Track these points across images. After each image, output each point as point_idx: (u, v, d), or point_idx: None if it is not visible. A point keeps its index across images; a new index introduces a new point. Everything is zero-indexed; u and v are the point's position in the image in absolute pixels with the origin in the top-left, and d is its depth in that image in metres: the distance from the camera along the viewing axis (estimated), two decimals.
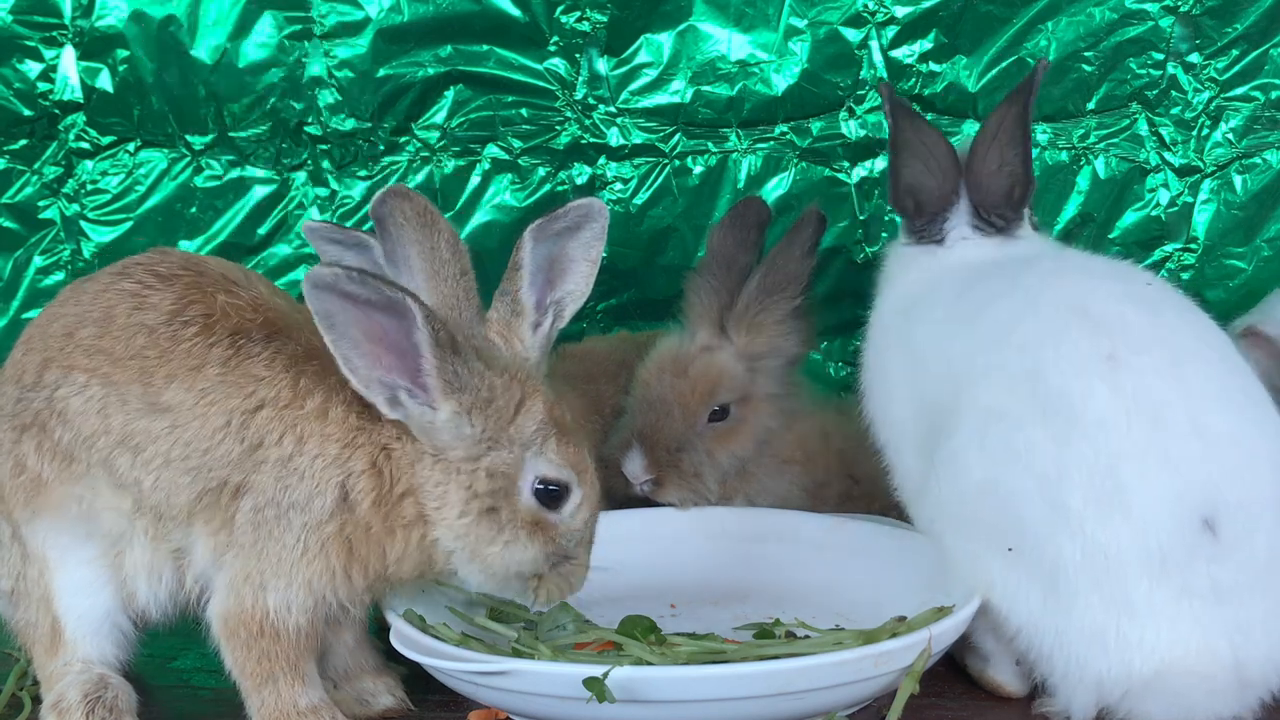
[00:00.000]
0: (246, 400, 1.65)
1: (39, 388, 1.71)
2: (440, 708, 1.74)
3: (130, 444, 1.67)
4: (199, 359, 1.66)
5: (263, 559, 1.64)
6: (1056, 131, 2.80)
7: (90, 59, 3.01)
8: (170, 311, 1.70)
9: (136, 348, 1.68)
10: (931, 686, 1.66)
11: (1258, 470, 1.59)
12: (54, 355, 1.72)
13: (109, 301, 1.74)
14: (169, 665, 1.90)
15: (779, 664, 1.57)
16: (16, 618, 1.76)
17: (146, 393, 1.66)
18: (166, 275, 1.74)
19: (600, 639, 1.77)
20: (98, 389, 1.68)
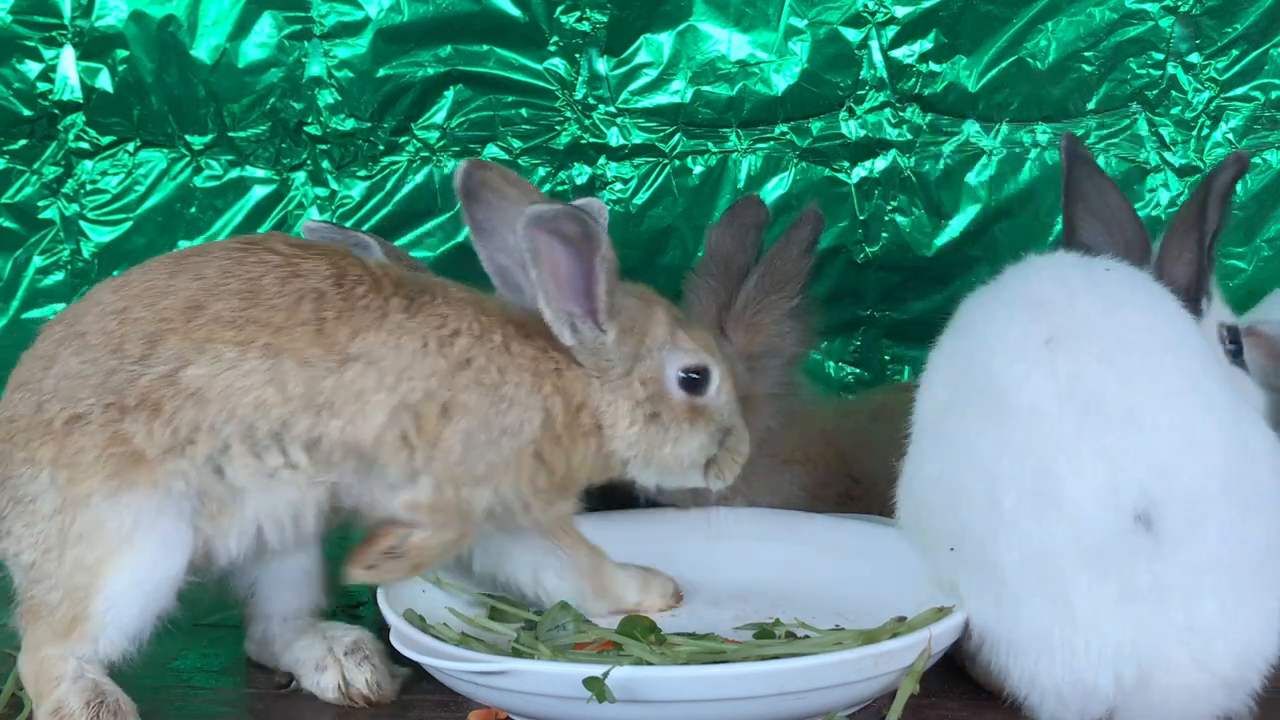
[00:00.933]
0: (441, 329, 1.74)
1: (150, 362, 1.68)
2: (440, 708, 1.74)
3: (315, 403, 1.69)
4: (380, 311, 1.72)
5: (469, 473, 1.73)
6: (1057, 131, 2.80)
7: (90, 59, 3.01)
8: (332, 275, 1.73)
9: (306, 313, 1.69)
10: (931, 686, 1.66)
11: (1204, 463, 1.51)
12: (174, 328, 1.68)
13: (252, 273, 1.72)
14: (169, 665, 1.90)
15: (779, 664, 1.57)
16: (31, 593, 1.70)
17: (330, 352, 1.69)
18: (303, 246, 1.77)
19: (600, 639, 1.77)
20: (258, 361, 1.67)
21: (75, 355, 1.70)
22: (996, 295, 1.72)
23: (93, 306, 1.74)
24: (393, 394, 1.70)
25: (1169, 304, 1.64)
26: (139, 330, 1.69)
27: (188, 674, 1.87)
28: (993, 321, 1.67)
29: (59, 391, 1.69)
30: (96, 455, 1.66)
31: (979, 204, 2.85)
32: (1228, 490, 1.53)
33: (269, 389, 1.67)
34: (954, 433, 1.66)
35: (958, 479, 1.64)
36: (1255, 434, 1.60)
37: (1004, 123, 2.82)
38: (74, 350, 1.71)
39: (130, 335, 1.69)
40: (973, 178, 2.85)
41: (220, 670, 1.88)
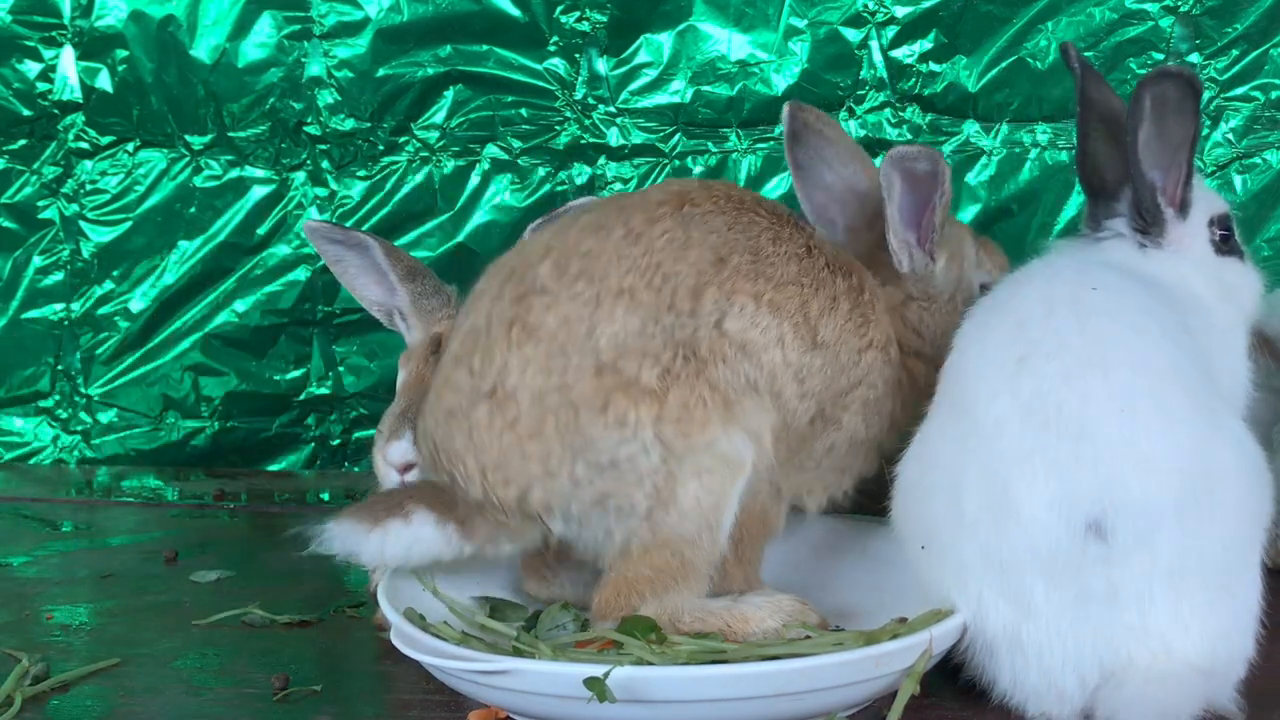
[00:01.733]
0: (860, 340, 1.83)
1: (696, 316, 1.71)
2: (440, 708, 1.74)
3: (797, 375, 1.76)
4: (833, 289, 1.80)
5: (819, 479, 1.88)
6: (1056, 131, 2.80)
7: (89, 59, 3.01)
8: (806, 246, 1.81)
9: (792, 274, 1.77)
10: (932, 687, 1.66)
11: (1156, 475, 1.57)
12: (708, 281, 1.72)
13: (752, 233, 1.78)
14: (169, 665, 1.90)
15: (780, 664, 1.57)
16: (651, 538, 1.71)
17: (804, 324, 1.76)
18: (775, 212, 1.84)
19: (600, 638, 1.77)
20: (768, 315, 1.74)
21: (629, 314, 1.69)
22: (990, 305, 1.79)
23: (616, 259, 1.73)
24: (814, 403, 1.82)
25: (1147, 323, 1.67)
26: (683, 283, 1.72)
27: (188, 674, 1.87)
28: (978, 334, 1.74)
29: (624, 350, 1.68)
30: (708, 408, 1.69)
31: (979, 204, 2.85)
32: (1183, 503, 1.58)
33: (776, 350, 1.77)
34: (930, 437, 1.74)
35: (928, 481, 1.71)
36: (1223, 447, 1.63)
37: (1004, 123, 2.82)
38: (625, 311, 1.69)
39: (679, 289, 1.72)
40: (973, 178, 2.85)
41: (220, 670, 1.88)
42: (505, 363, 1.69)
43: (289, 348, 3.08)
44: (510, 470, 1.69)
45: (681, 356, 1.69)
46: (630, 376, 1.67)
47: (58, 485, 3.00)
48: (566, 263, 1.72)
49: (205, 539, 2.56)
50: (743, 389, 1.72)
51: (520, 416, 1.68)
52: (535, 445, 1.68)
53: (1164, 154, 1.86)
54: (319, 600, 2.14)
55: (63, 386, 3.15)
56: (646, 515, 1.69)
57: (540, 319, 1.70)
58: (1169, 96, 1.81)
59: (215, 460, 3.12)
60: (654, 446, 1.67)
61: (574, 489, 1.69)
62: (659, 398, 1.67)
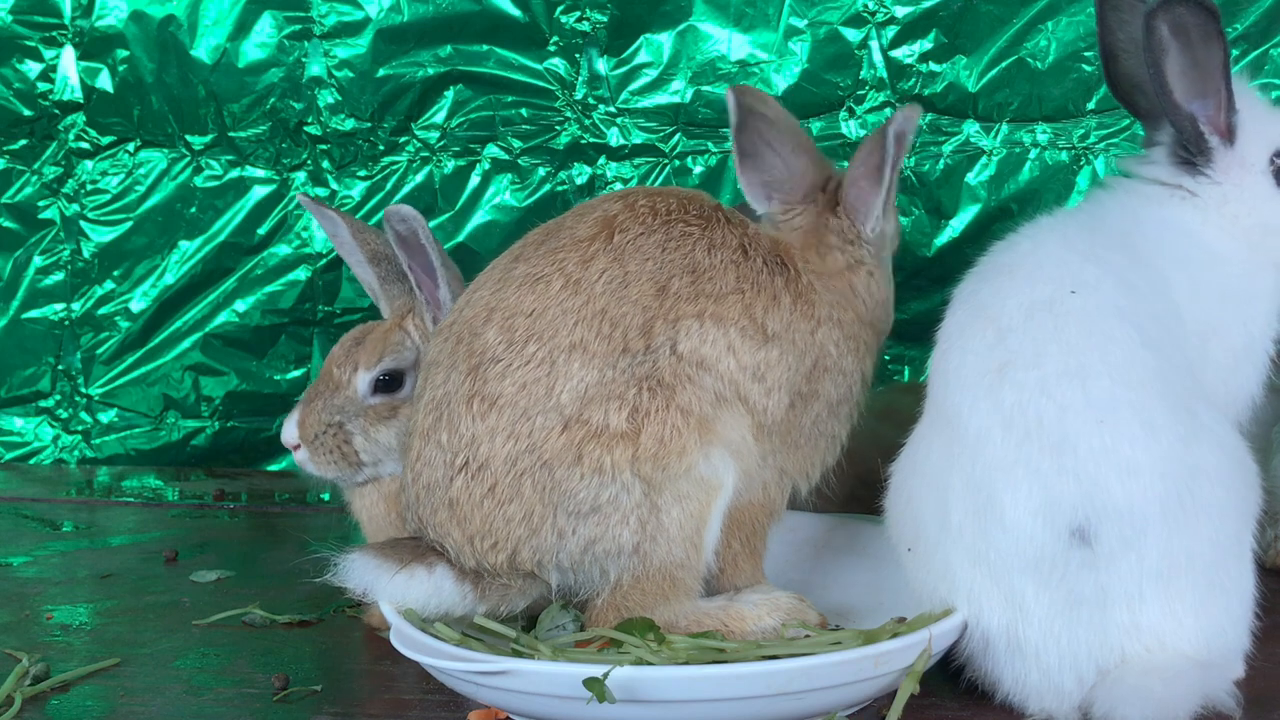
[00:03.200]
0: (810, 321, 1.83)
1: (651, 351, 1.73)
2: (440, 708, 1.74)
3: (757, 374, 1.78)
4: (773, 286, 1.82)
5: (813, 456, 1.89)
6: (1056, 131, 2.80)
7: (90, 59, 3.01)
8: (740, 247, 1.82)
9: (731, 284, 1.78)
10: (931, 687, 1.66)
11: (1138, 481, 1.58)
12: (654, 316, 1.75)
13: (686, 249, 1.79)
14: (169, 665, 1.91)
15: (779, 664, 1.57)
16: (639, 569, 1.75)
17: (751, 325, 1.78)
18: (704, 215, 1.84)
19: (600, 638, 1.77)
20: (714, 328, 1.76)
21: (585, 366, 1.72)
22: (972, 303, 1.77)
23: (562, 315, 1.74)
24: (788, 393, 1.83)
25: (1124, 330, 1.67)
26: (632, 323, 1.74)
27: (188, 674, 1.87)
28: (960, 338, 1.74)
29: (589, 400, 1.71)
30: (684, 435, 1.73)
31: (979, 204, 2.85)
32: (1167, 506, 1.59)
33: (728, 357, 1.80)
34: (919, 439, 1.76)
35: (915, 485, 1.72)
36: (1205, 448, 1.64)
37: (1004, 123, 2.82)
38: (581, 364, 1.72)
39: (628, 330, 1.74)
40: (973, 178, 2.85)
41: (220, 670, 1.88)
42: (473, 435, 1.73)
43: (289, 348, 3.08)
44: (496, 536, 1.73)
45: (648, 390, 1.72)
46: (599, 425, 1.71)
47: (58, 485, 3.00)
48: (513, 326, 1.75)
49: (205, 539, 2.56)
50: (714, 403, 1.75)
51: (496, 483, 1.72)
52: (515, 508, 1.72)
53: (1200, 82, 1.82)
54: (319, 600, 2.14)
55: (63, 386, 3.15)
56: (635, 550, 1.73)
57: (498, 388, 1.73)
58: (1188, 22, 1.78)
59: (215, 460, 3.12)
60: (634, 484, 1.71)
61: (560, 541, 1.72)
62: (631, 438, 1.71)
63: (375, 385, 2.02)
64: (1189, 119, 1.83)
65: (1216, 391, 1.80)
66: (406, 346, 2.04)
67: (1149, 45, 1.79)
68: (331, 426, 2.02)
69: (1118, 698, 1.57)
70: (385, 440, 2.02)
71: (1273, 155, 1.89)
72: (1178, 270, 1.81)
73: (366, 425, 2.02)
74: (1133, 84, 1.93)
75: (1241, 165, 1.87)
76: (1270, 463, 2.10)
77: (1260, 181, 1.88)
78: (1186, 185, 1.88)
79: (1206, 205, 1.87)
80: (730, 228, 1.83)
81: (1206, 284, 1.83)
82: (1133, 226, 1.86)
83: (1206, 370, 1.79)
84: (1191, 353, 1.76)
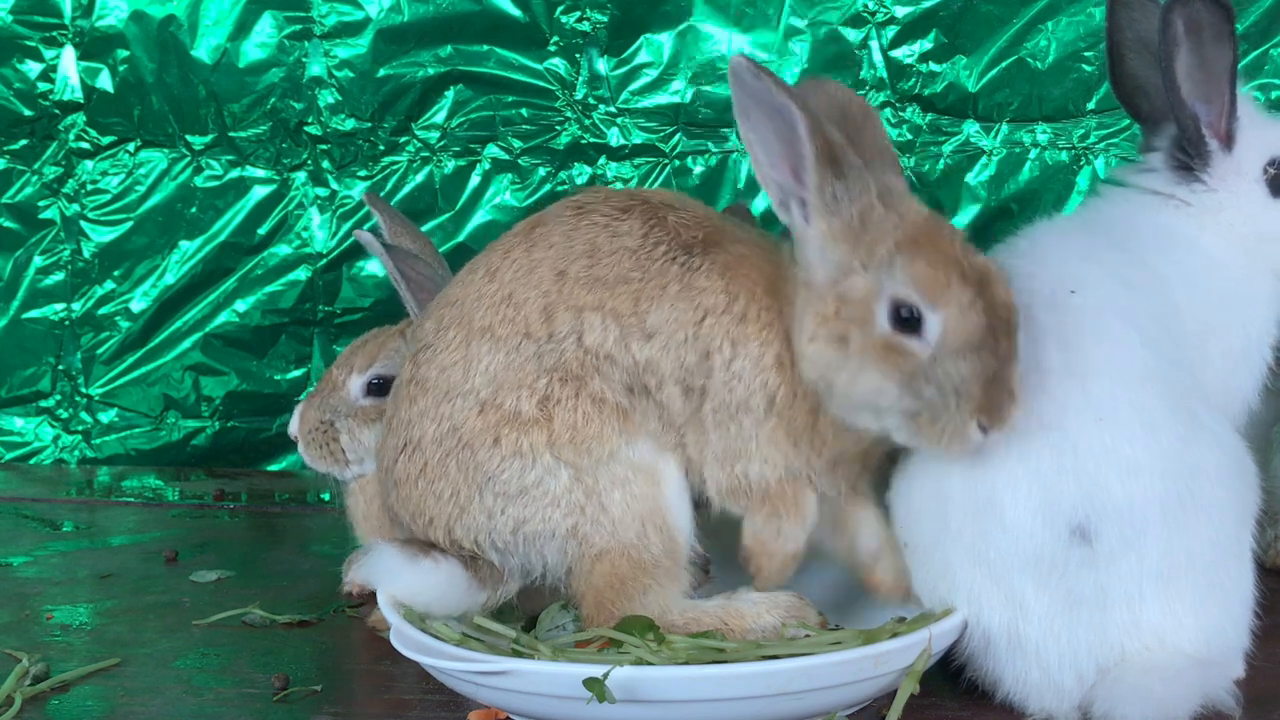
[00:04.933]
0: (695, 312, 1.72)
1: (556, 340, 1.73)
2: (440, 708, 1.74)
3: (651, 370, 1.73)
4: (664, 277, 1.73)
5: (729, 449, 1.72)
6: (1057, 131, 2.80)
7: (90, 59, 3.02)
8: (642, 235, 1.75)
9: (624, 270, 1.73)
10: (932, 687, 1.66)
11: (1138, 480, 1.59)
12: (554, 301, 1.73)
13: (589, 235, 1.76)
14: (169, 665, 1.91)
15: (779, 664, 1.57)
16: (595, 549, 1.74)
17: (635, 320, 1.72)
18: (624, 207, 1.78)
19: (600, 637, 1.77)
20: (613, 323, 1.72)
21: (493, 351, 1.74)
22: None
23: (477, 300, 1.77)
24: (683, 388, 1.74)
25: (1124, 330, 1.67)
26: (531, 308, 1.74)
27: (188, 674, 1.87)
28: None
29: (500, 384, 1.73)
30: (598, 424, 1.72)
31: (979, 204, 2.85)
32: (1166, 505, 1.59)
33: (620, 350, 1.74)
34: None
35: (913, 485, 1.72)
36: (1204, 447, 1.64)
37: (1004, 123, 2.82)
38: (489, 348, 1.74)
39: (529, 314, 1.74)
40: (973, 178, 2.85)
41: (220, 670, 1.88)
42: (408, 418, 1.78)
43: (289, 348, 3.08)
44: (430, 513, 1.76)
45: (558, 380, 1.72)
46: (511, 410, 1.73)
47: (58, 485, 3.00)
48: (442, 314, 1.80)
49: (205, 539, 2.56)
50: (626, 394, 1.73)
51: (426, 463, 1.76)
52: (444, 485, 1.75)
53: (1205, 84, 1.83)
54: (319, 600, 2.14)
55: (63, 386, 3.15)
56: (572, 533, 1.73)
57: (426, 373, 1.78)
58: (1203, 20, 1.78)
59: (215, 460, 3.12)
60: (559, 468, 1.72)
61: (489, 521, 1.74)
62: (545, 424, 1.72)
63: (367, 388, 2.09)
64: (1192, 118, 1.83)
65: (1215, 393, 1.80)
66: (401, 353, 2.08)
67: (1163, 39, 1.79)
68: (323, 424, 2.09)
69: (1118, 697, 1.58)
70: (367, 441, 2.08)
71: (1267, 164, 1.89)
72: (1176, 274, 1.81)
73: (354, 425, 2.09)
74: (1136, 85, 1.93)
75: (1237, 172, 1.88)
76: (1270, 463, 2.10)
77: (1254, 189, 1.89)
78: (1180, 195, 1.89)
79: (1202, 213, 1.88)
80: (644, 217, 1.76)
81: (1204, 288, 1.83)
82: (1130, 232, 1.86)
83: (1205, 372, 1.79)
84: (1191, 353, 1.76)
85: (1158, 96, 1.88)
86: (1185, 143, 1.86)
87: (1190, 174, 1.88)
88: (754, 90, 1.60)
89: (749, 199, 2.86)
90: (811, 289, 1.64)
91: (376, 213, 2.24)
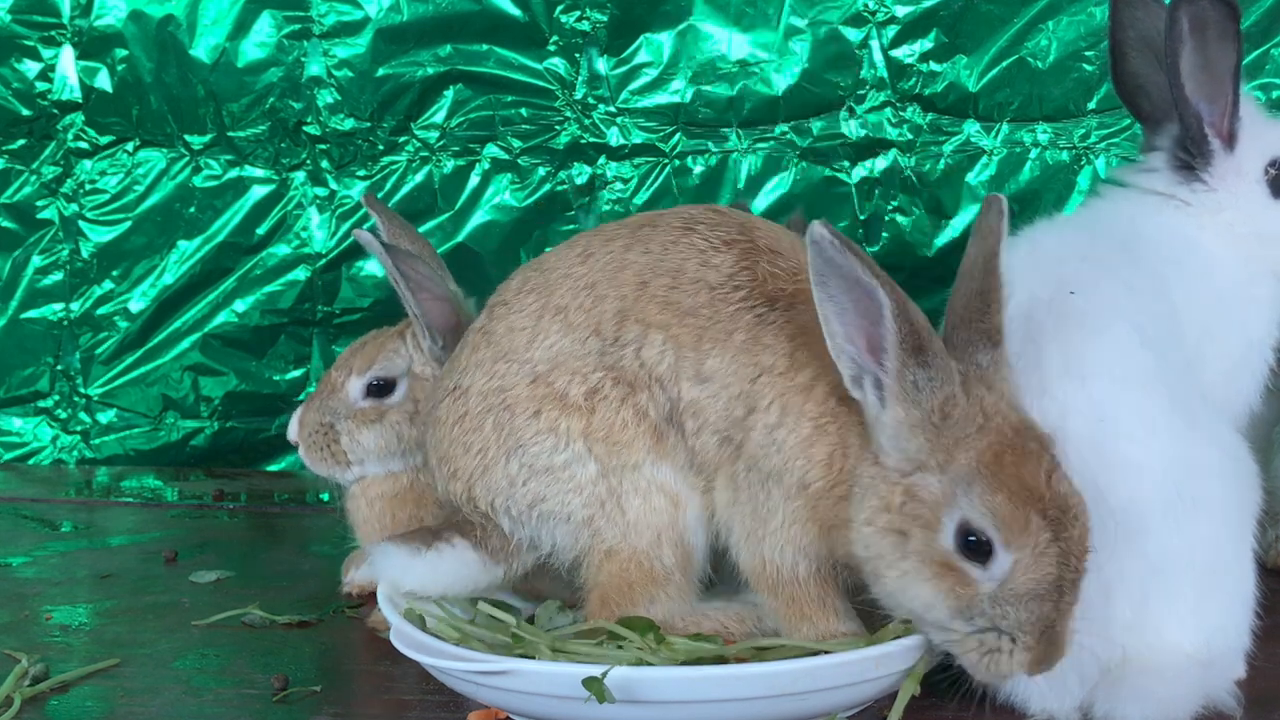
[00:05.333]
0: (753, 369, 1.68)
1: (620, 345, 1.73)
2: (440, 708, 1.74)
3: (691, 412, 1.71)
4: (734, 323, 1.70)
5: (754, 517, 1.68)
6: (1057, 131, 2.80)
7: (89, 58, 3.01)
8: (727, 274, 1.72)
9: (699, 304, 1.71)
10: (932, 688, 1.66)
11: (1139, 480, 1.59)
12: (629, 307, 1.73)
13: (681, 256, 1.75)
14: (169, 665, 1.90)
15: (780, 665, 1.56)
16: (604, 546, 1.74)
17: (695, 357, 1.70)
18: (727, 240, 1.75)
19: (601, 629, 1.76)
20: (671, 351, 1.72)
21: (562, 334, 1.76)
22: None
23: (564, 277, 1.79)
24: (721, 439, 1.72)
25: (1124, 330, 1.67)
26: (608, 307, 1.75)
27: (188, 674, 1.87)
28: None
29: (557, 364, 1.75)
30: (633, 432, 1.72)
31: (979, 204, 2.84)
32: (1168, 504, 1.60)
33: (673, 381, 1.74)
34: None
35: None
36: (1204, 447, 1.65)
37: (1004, 123, 2.82)
38: (560, 328, 1.76)
39: (604, 313, 1.75)
40: (973, 178, 2.85)
41: (220, 670, 1.88)
42: (466, 363, 1.82)
43: (289, 348, 3.08)
44: (455, 464, 1.79)
45: (611, 380, 1.74)
46: (560, 390, 1.75)
47: (57, 485, 2.99)
48: (528, 277, 1.84)
49: (205, 539, 2.56)
50: (666, 419, 1.73)
51: (467, 412, 1.79)
52: (476, 439, 1.78)
53: (1209, 83, 1.83)
54: (319, 600, 2.14)
55: (62, 386, 3.14)
56: (587, 523, 1.75)
57: (495, 326, 1.81)
58: (1208, 18, 1.78)
59: (215, 460, 3.12)
60: (588, 459, 1.73)
61: (510, 488, 1.76)
62: (586, 413, 1.74)
63: (366, 390, 2.09)
64: (1195, 117, 1.83)
65: (1216, 393, 1.80)
66: (400, 355, 2.10)
67: (1169, 37, 1.79)
68: (323, 426, 2.10)
69: (1118, 697, 1.57)
70: (367, 442, 2.09)
71: (1268, 164, 1.89)
72: (1176, 274, 1.81)
73: (353, 427, 2.09)
74: (1138, 84, 1.93)
75: (1238, 173, 1.88)
76: (1271, 463, 2.10)
77: (1255, 190, 1.89)
78: (1181, 195, 1.89)
79: (1202, 213, 1.88)
80: (741, 259, 1.73)
81: (1204, 289, 1.83)
82: (1130, 232, 1.86)
83: (1206, 373, 1.79)
84: (1191, 353, 1.76)
85: (1160, 96, 1.88)
86: (1188, 142, 1.86)
87: (1191, 174, 1.88)
88: (836, 263, 1.52)
89: (749, 199, 2.86)
90: (880, 470, 1.56)
91: (374, 214, 2.23)
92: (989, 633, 1.52)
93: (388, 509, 2.09)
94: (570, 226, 2.93)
